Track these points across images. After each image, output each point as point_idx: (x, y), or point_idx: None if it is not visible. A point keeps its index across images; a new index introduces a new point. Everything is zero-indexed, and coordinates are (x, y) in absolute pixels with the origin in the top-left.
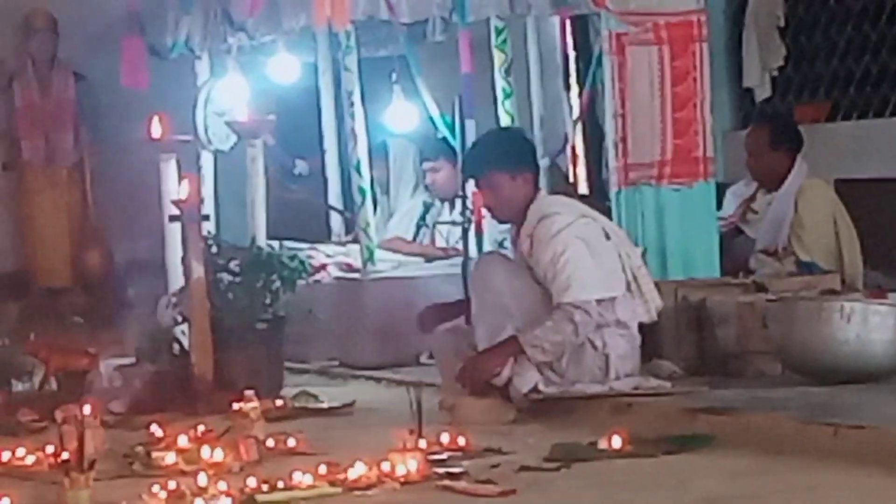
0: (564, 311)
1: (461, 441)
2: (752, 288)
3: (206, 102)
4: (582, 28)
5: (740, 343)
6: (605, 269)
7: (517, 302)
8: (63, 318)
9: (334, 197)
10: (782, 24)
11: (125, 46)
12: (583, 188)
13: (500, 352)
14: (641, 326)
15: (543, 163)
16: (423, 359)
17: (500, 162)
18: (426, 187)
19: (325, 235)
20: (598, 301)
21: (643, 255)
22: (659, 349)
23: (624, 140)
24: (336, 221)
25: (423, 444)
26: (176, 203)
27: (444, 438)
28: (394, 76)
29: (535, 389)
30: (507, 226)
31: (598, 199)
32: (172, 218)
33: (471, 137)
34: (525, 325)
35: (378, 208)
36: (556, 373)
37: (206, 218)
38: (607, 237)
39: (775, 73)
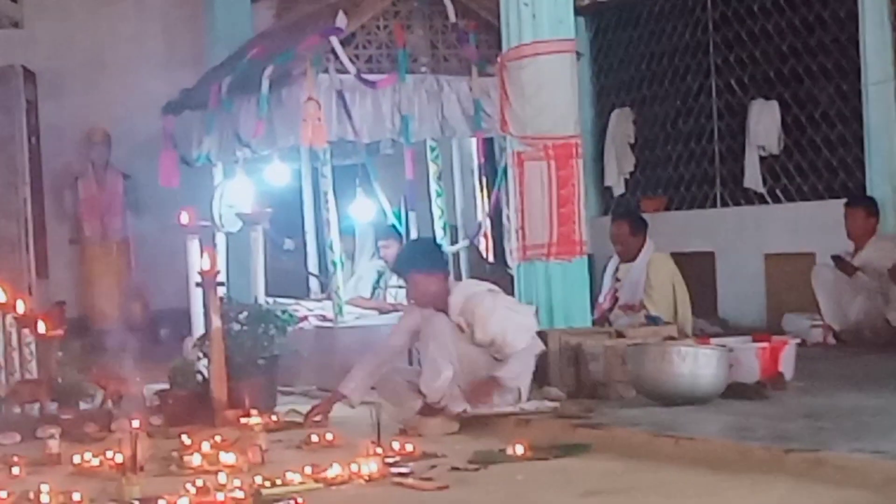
0: (528, 348)
1: (409, 448)
2: (614, 335)
3: (221, 198)
4: (490, 147)
5: (606, 375)
6: (525, 322)
7: (456, 351)
8: (114, 353)
9: (312, 265)
10: (633, 140)
11: (162, 156)
12: (491, 258)
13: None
14: None
15: (463, 243)
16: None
17: (418, 265)
18: (380, 258)
19: (305, 293)
20: None
21: (536, 311)
22: (547, 378)
23: (522, 227)
24: (314, 283)
25: (380, 451)
26: (200, 273)
27: (396, 446)
28: (357, 181)
29: (464, 411)
30: None
31: (501, 266)
32: (198, 284)
33: (413, 225)
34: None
35: (345, 273)
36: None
37: (222, 284)
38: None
39: (627, 176)
